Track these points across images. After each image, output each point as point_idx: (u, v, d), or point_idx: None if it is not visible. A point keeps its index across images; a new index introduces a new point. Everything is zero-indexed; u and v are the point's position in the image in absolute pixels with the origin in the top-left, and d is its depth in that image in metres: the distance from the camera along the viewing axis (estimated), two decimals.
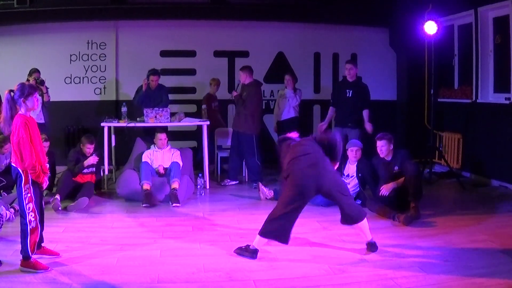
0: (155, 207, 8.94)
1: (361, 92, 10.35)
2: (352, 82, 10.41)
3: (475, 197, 9.59)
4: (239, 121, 10.64)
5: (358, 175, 8.89)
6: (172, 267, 5.96)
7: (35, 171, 5.72)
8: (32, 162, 5.66)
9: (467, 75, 11.63)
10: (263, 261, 6.17)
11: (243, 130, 10.62)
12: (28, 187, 5.76)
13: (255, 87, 10.71)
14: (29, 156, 5.65)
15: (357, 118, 10.30)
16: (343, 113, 10.45)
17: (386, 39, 13.51)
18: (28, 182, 5.75)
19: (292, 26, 13.17)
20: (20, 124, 5.66)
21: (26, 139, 5.65)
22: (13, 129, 5.69)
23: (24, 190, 5.75)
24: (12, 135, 5.71)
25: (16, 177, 5.82)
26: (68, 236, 7.16)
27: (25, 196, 5.75)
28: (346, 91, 10.38)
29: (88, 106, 12.59)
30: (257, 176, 10.63)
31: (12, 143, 5.73)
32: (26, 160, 5.65)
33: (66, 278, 5.59)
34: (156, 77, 11.11)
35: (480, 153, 11.07)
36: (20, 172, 5.74)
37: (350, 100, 10.32)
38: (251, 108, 10.52)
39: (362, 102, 10.31)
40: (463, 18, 11.66)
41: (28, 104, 5.76)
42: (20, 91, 5.74)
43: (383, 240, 6.88)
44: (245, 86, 10.68)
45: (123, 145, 11.28)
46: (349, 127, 10.31)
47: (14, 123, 5.69)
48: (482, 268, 5.84)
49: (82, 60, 12.63)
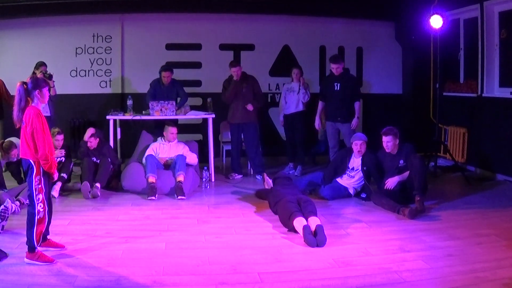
0: (160, 200, 8.96)
1: (349, 84, 10.29)
2: (339, 75, 10.30)
3: (480, 192, 9.55)
4: (241, 114, 10.61)
5: (363, 168, 8.90)
6: (177, 260, 5.98)
7: (47, 162, 5.75)
8: (45, 152, 5.71)
9: (472, 69, 11.59)
10: (268, 254, 6.18)
11: (248, 121, 10.64)
12: (39, 178, 5.81)
13: (252, 77, 10.81)
14: (43, 146, 5.69)
15: (348, 112, 10.21)
16: (332, 107, 10.37)
17: (392, 32, 13.48)
18: (39, 173, 5.80)
19: (297, 19, 13.13)
20: (34, 115, 5.70)
21: (40, 130, 5.69)
22: (26, 120, 5.72)
23: (35, 181, 5.80)
24: (25, 126, 5.73)
25: (27, 169, 5.86)
26: (74, 228, 7.19)
27: (36, 187, 5.79)
28: (334, 84, 10.29)
29: (94, 99, 12.61)
30: (261, 168, 10.68)
31: (25, 134, 5.75)
32: (40, 150, 5.69)
33: (72, 270, 5.62)
34: (168, 73, 11.00)
35: (485, 147, 11.05)
36: (31, 163, 5.78)
37: (339, 94, 10.24)
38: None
39: (352, 94, 10.25)
40: (469, 12, 11.62)
41: (41, 97, 5.82)
42: (34, 83, 5.78)
43: (388, 234, 6.90)
44: (240, 80, 10.61)
45: (129, 138, 11.31)
46: (339, 122, 10.27)
47: (27, 114, 5.72)
48: (486, 263, 5.84)
49: (87, 53, 12.62)
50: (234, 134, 10.85)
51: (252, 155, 10.81)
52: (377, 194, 8.49)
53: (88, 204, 8.65)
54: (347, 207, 8.44)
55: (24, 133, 5.77)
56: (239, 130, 10.76)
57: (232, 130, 10.89)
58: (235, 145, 10.89)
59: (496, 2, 10.64)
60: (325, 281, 5.38)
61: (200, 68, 12.89)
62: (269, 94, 13.21)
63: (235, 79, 10.57)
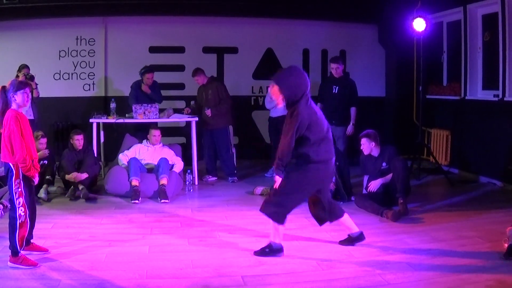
0: (144, 203, 8.94)
1: (347, 89, 10.31)
2: (339, 78, 10.36)
3: (463, 194, 9.60)
4: (211, 120, 10.72)
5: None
6: (161, 263, 5.96)
7: (25, 165, 5.71)
8: (23, 156, 5.66)
9: (456, 72, 11.66)
10: (251, 257, 6.18)
11: (217, 127, 10.81)
12: (18, 182, 5.76)
13: (217, 81, 11.06)
14: (20, 149, 5.65)
15: (343, 116, 10.26)
16: (328, 110, 10.38)
17: (375, 35, 13.55)
18: (19, 176, 5.76)
19: (281, 22, 13.17)
20: (11, 118, 5.67)
21: (17, 133, 5.65)
22: (4, 123, 5.70)
23: (14, 185, 5.76)
24: (3, 129, 5.72)
25: (7, 172, 5.83)
26: (57, 232, 7.16)
27: (15, 191, 5.76)
28: (333, 87, 10.35)
29: (77, 102, 12.56)
30: (232, 170, 10.88)
31: (3, 137, 5.73)
32: (17, 153, 5.66)
33: (55, 274, 5.59)
34: (151, 75, 11.04)
35: (468, 149, 11.12)
36: (11, 166, 5.75)
37: (336, 97, 10.27)
38: (228, 101, 10.77)
39: (349, 99, 10.28)
40: (452, 15, 11.69)
41: (17, 99, 5.77)
42: (12, 86, 5.77)
43: (371, 237, 6.89)
44: (206, 86, 10.87)
45: (112, 141, 11.27)
46: (333, 125, 10.21)
47: (5, 118, 5.70)
48: (469, 265, 5.87)
49: (71, 56, 12.59)
50: (207, 138, 11.00)
51: (223, 158, 10.95)
52: (360, 197, 8.51)
53: (71, 207, 8.61)
54: None
55: (3, 136, 5.75)
56: (211, 134, 10.89)
57: (205, 135, 11.02)
58: (208, 149, 11.02)
59: (479, 5, 10.72)
60: (308, 284, 5.38)
61: (184, 71, 12.86)
62: (253, 97, 13.25)
63: (200, 86, 10.98)
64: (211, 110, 10.59)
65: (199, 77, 10.83)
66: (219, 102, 10.65)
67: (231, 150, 10.98)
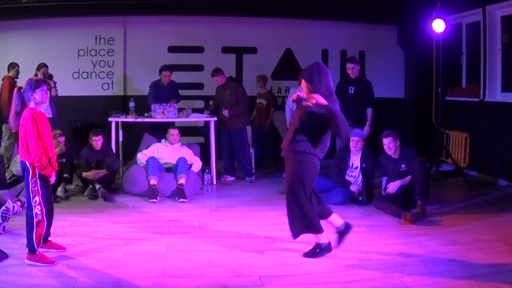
0: (162, 202, 8.96)
1: (364, 89, 10.24)
2: (355, 78, 10.29)
3: (481, 196, 9.55)
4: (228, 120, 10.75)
5: (362, 165, 8.88)
6: (178, 262, 5.98)
7: (41, 164, 5.73)
8: (38, 155, 5.69)
9: (475, 73, 11.59)
10: (269, 258, 6.18)
11: (235, 127, 10.83)
12: (35, 181, 5.79)
13: (235, 82, 11.06)
14: (35, 148, 5.67)
15: (359, 116, 10.15)
16: (344, 110, 10.29)
17: (394, 36, 13.50)
18: (35, 175, 5.79)
19: (300, 23, 13.15)
20: (27, 117, 5.70)
21: (33, 132, 5.68)
22: (21, 122, 5.73)
23: (31, 184, 5.79)
24: (20, 128, 5.74)
25: (23, 171, 5.86)
26: (75, 230, 7.20)
27: (32, 189, 5.79)
28: (349, 87, 10.27)
29: (96, 101, 12.63)
30: (250, 170, 10.89)
31: (20, 136, 5.77)
32: (32, 153, 5.68)
33: (72, 272, 5.62)
34: (169, 72, 11.15)
35: (487, 152, 11.04)
36: (27, 165, 5.78)
37: (352, 97, 10.20)
38: (246, 102, 10.80)
39: (365, 100, 10.20)
40: (471, 16, 11.63)
41: (37, 97, 5.79)
42: (28, 86, 5.78)
43: (389, 239, 6.90)
44: (224, 86, 10.92)
45: (131, 140, 11.31)
46: (349, 125, 10.14)
47: (22, 117, 5.73)
48: (487, 268, 5.83)
49: (90, 55, 12.66)
50: (224, 138, 11.02)
51: (240, 158, 10.96)
52: (379, 198, 8.47)
53: (89, 205, 8.66)
54: (348, 211, 8.39)
55: (20, 136, 5.79)
56: (229, 135, 10.91)
57: (222, 135, 11.03)
58: (226, 149, 11.03)
59: (498, 6, 10.64)
60: (325, 285, 5.38)
61: (203, 71, 12.87)
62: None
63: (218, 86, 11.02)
64: (228, 111, 10.60)
65: (219, 77, 10.87)
66: (237, 102, 10.67)
67: (248, 151, 10.98)
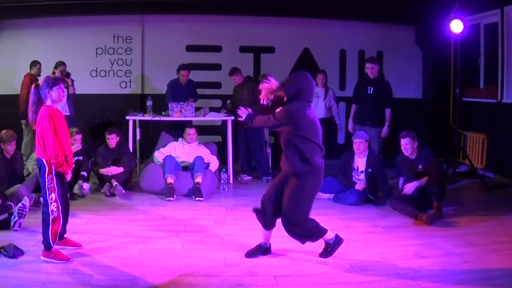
0: (178, 201, 9.00)
1: (382, 90, 10.22)
2: (374, 78, 10.26)
3: (498, 198, 9.49)
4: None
5: (367, 170, 8.85)
6: (193, 261, 6.00)
7: (57, 161, 5.77)
8: (55, 152, 5.73)
9: (492, 74, 11.51)
10: (284, 257, 6.20)
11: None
12: (51, 178, 5.84)
13: (253, 81, 10.97)
14: (52, 145, 5.72)
15: (378, 117, 10.14)
16: (363, 111, 10.31)
17: (412, 37, 13.44)
18: (51, 172, 5.83)
19: (318, 22, 13.14)
20: (44, 115, 5.75)
21: (50, 129, 5.72)
22: (38, 120, 5.78)
23: (47, 181, 5.83)
24: (36, 125, 5.80)
25: (40, 167, 5.90)
26: (91, 227, 7.25)
27: (48, 186, 5.83)
28: (368, 88, 10.25)
29: (113, 99, 12.69)
30: (267, 170, 10.89)
31: (36, 134, 5.82)
32: (49, 150, 5.73)
33: (88, 269, 5.66)
34: (186, 72, 11.18)
35: (504, 153, 10.98)
36: (43, 162, 5.83)
37: (371, 97, 10.17)
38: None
39: (384, 100, 10.17)
40: (489, 17, 11.55)
41: (53, 95, 5.83)
42: (45, 83, 5.82)
43: (405, 240, 6.89)
44: (241, 85, 11.01)
45: (148, 139, 11.35)
46: (368, 126, 10.14)
47: (39, 115, 5.78)
48: (503, 270, 5.81)
49: (108, 53, 12.72)
50: (241, 137, 11.05)
51: (257, 158, 10.97)
52: (395, 199, 8.44)
53: (106, 203, 8.72)
54: (364, 211, 8.41)
55: (36, 133, 5.84)
56: (246, 134, 10.93)
57: (239, 134, 11.06)
58: (243, 148, 11.08)
59: None
60: (340, 285, 5.39)
61: (220, 70, 12.89)
62: None
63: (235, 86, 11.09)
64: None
65: (236, 77, 10.93)
66: (254, 102, 10.66)
67: (265, 150, 10.98)
